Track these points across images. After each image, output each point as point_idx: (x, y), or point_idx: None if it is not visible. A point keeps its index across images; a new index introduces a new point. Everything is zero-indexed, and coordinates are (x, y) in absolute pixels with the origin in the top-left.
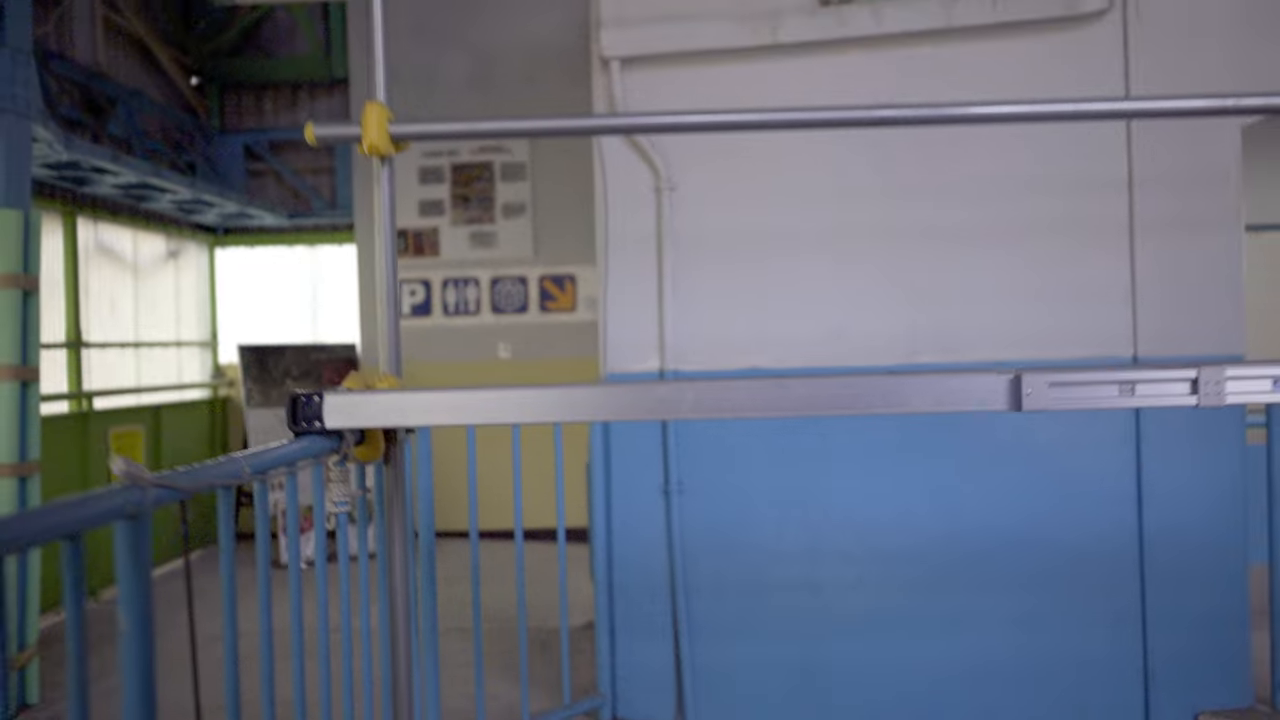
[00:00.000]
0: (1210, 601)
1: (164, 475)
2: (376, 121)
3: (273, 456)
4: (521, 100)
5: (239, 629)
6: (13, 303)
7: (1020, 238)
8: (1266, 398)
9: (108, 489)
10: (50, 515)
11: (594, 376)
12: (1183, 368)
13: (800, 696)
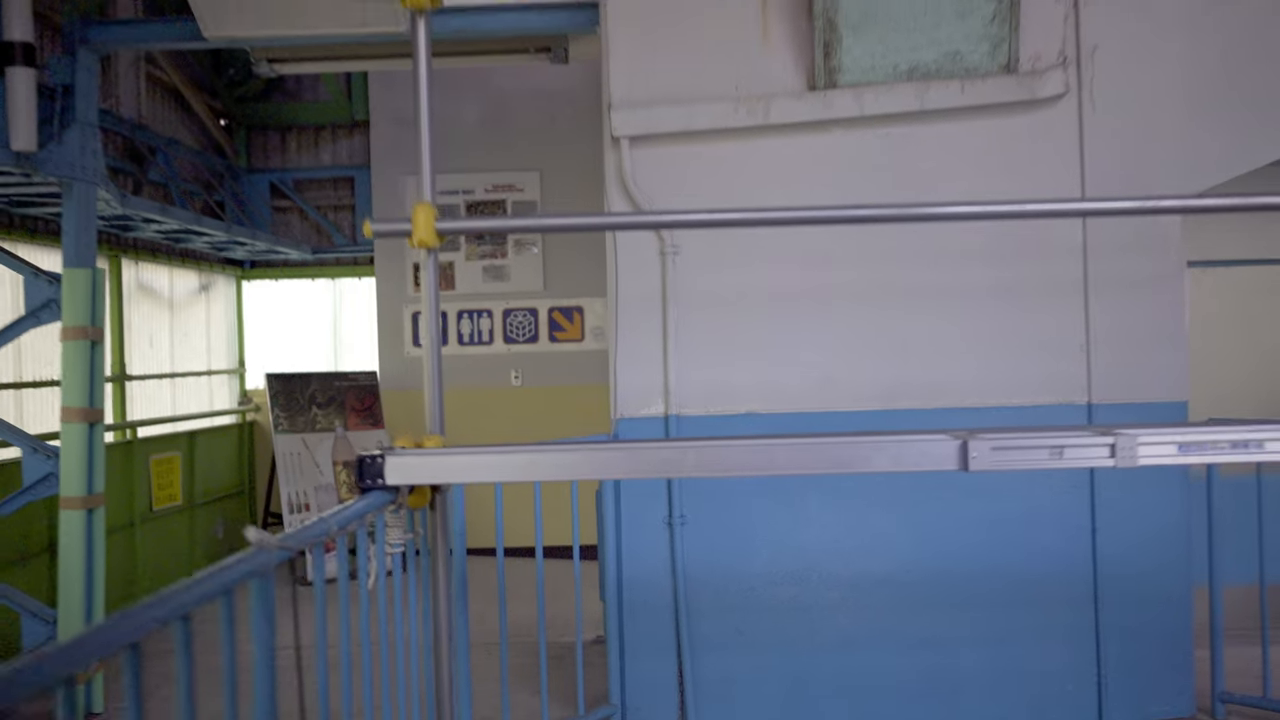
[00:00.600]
0: (1157, 621)
1: (283, 539)
2: (425, 220)
3: (350, 513)
4: (535, 137)
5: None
6: (84, 352)
7: (986, 297)
8: (1172, 460)
9: (241, 555)
10: (211, 580)
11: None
12: (1104, 434)
13: (790, 705)
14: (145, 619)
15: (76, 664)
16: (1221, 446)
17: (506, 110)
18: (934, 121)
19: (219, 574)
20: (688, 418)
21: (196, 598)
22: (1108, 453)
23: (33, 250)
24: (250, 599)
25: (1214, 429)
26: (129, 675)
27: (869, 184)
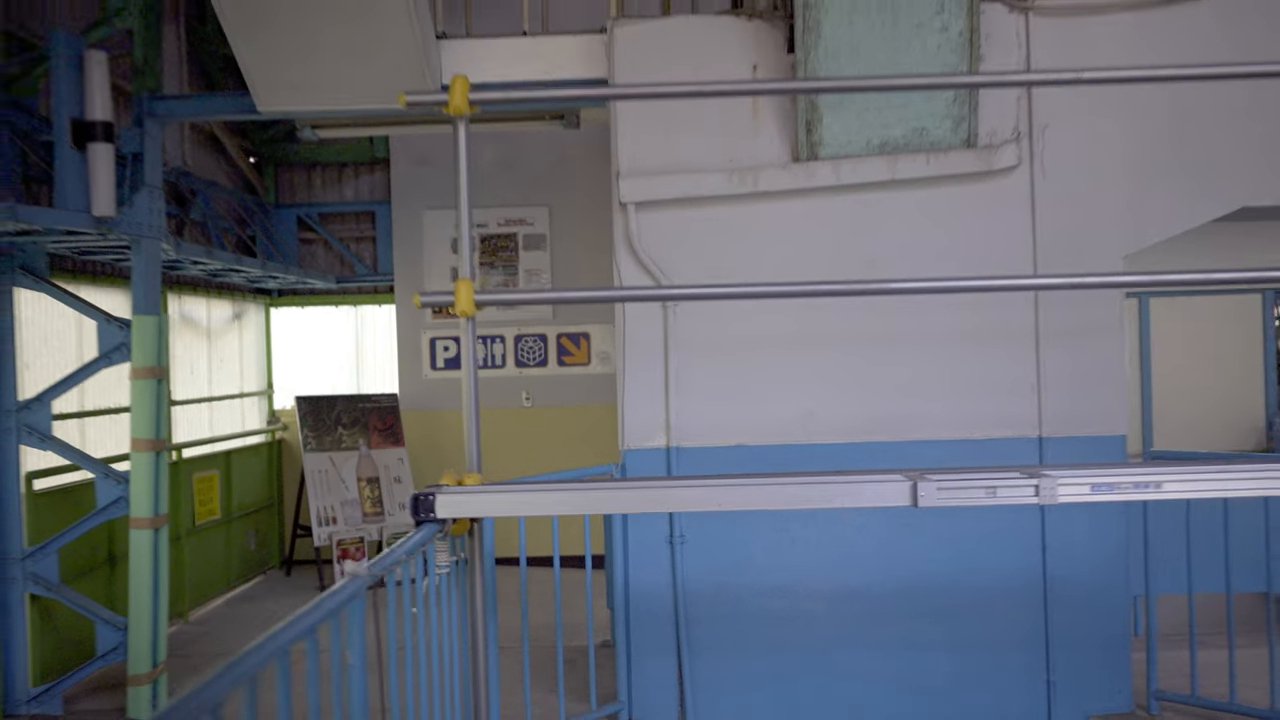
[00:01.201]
0: (1099, 627)
1: (370, 567)
2: (465, 294)
3: (412, 544)
4: (544, 175)
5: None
6: (151, 389)
7: (950, 342)
8: (1086, 498)
9: (342, 585)
10: (323, 605)
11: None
12: (1031, 476)
13: (776, 701)
14: (264, 653)
15: (221, 693)
16: (1126, 487)
17: (518, 151)
18: (903, 189)
19: (329, 599)
20: (686, 449)
21: (316, 619)
22: (1033, 492)
23: (94, 291)
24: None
25: (1119, 471)
26: (248, 704)
27: (846, 243)
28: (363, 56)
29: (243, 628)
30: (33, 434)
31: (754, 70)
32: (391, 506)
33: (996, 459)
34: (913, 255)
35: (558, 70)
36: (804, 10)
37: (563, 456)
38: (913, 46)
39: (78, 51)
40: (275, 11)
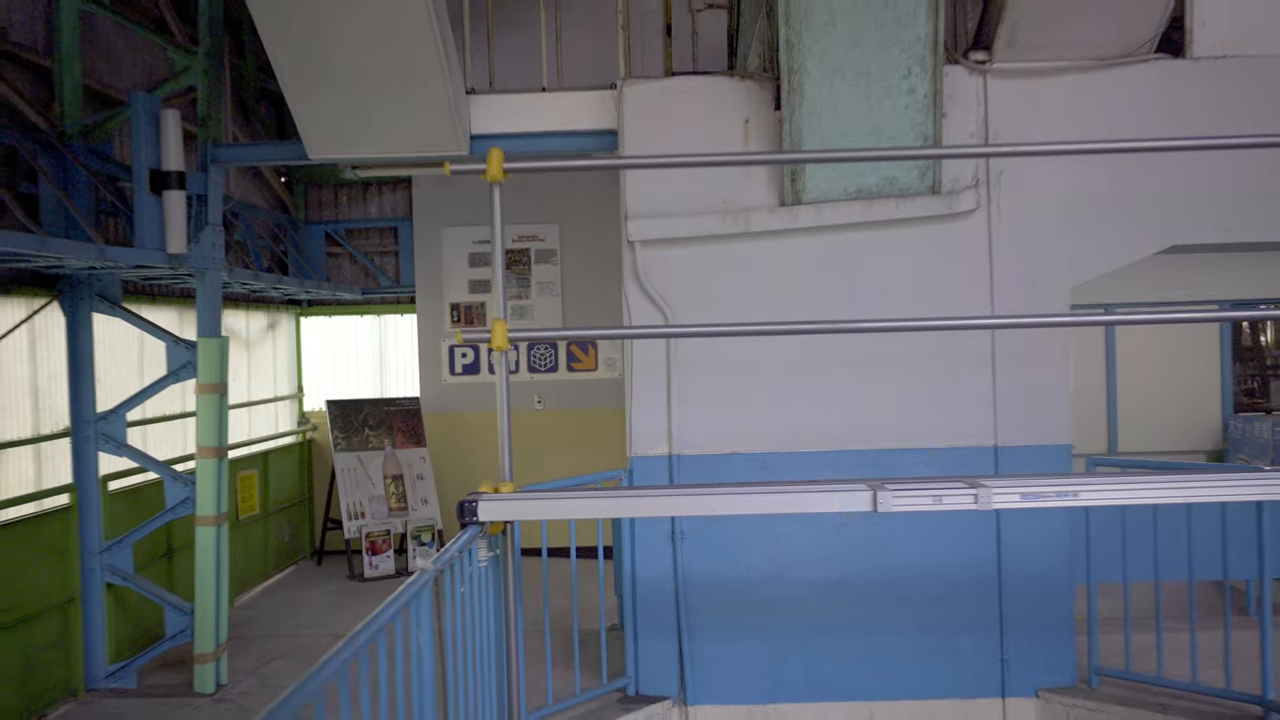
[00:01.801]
0: (1047, 612)
1: (434, 561)
2: (500, 331)
3: (462, 542)
4: (555, 195)
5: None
6: (215, 403)
7: (918, 363)
8: (1017, 505)
9: (415, 579)
10: (405, 592)
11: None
12: (972, 485)
13: (764, 676)
14: (369, 630)
15: (322, 683)
16: (1049, 495)
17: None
18: (876, 229)
19: (404, 592)
20: (685, 456)
21: (404, 602)
22: (973, 499)
23: (151, 309)
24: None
25: (1043, 481)
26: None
27: (827, 276)
28: (401, 112)
29: (282, 612)
30: (109, 442)
31: (746, 124)
32: (414, 502)
33: (958, 465)
34: (885, 287)
35: (573, 121)
36: (789, 74)
37: (572, 455)
38: (884, 106)
39: (154, 110)
40: (327, 76)
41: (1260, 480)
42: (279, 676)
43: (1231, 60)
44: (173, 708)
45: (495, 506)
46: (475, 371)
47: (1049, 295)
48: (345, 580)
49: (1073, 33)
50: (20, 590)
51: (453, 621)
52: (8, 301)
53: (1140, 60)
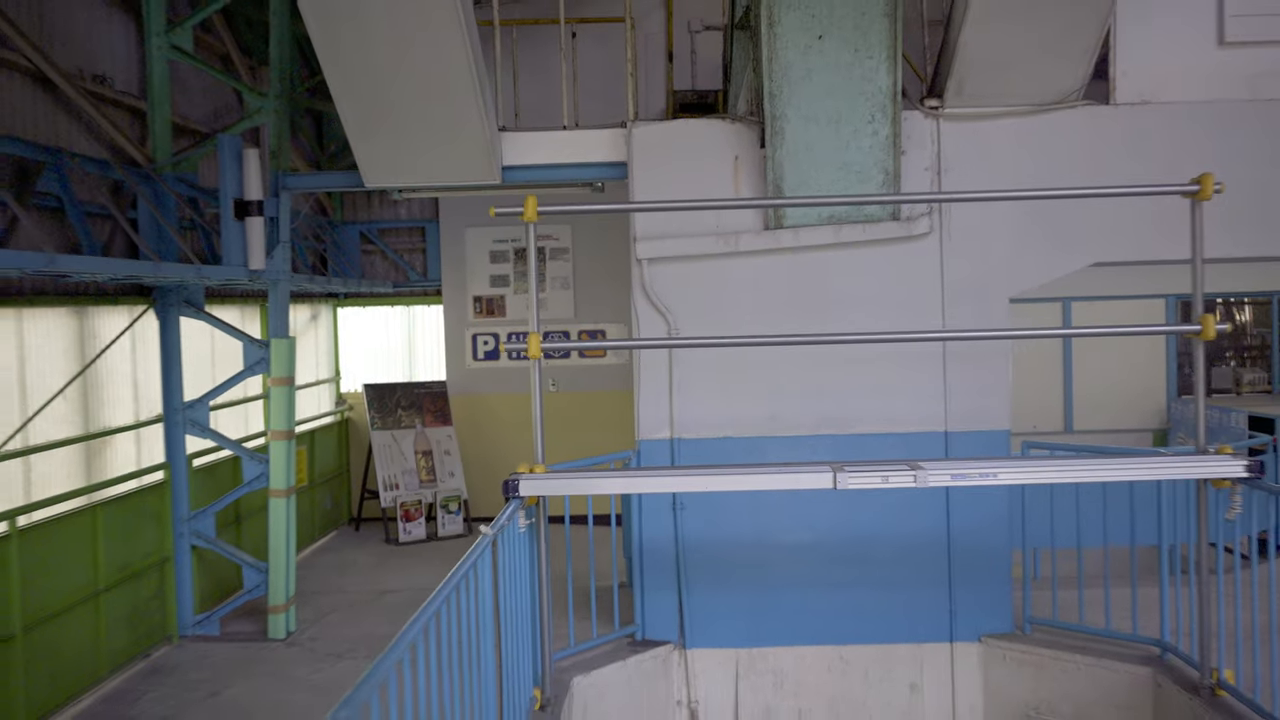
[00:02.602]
0: (988, 571)
1: (491, 528)
2: (534, 343)
3: (508, 513)
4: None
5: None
6: (285, 394)
7: (880, 360)
8: (947, 484)
9: (479, 541)
10: (472, 554)
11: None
12: (913, 468)
13: (749, 623)
14: (452, 582)
15: (430, 615)
16: (973, 476)
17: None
18: (846, 249)
19: (471, 555)
20: (685, 440)
21: (475, 558)
22: (913, 479)
23: (220, 309)
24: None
25: (969, 465)
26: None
27: (803, 288)
28: (444, 147)
29: (331, 571)
30: (195, 426)
31: (736, 160)
32: (442, 475)
33: (915, 447)
34: (853, 298)
35: (589, 155)
36: (772, 119)
37: (584, 432)
38: (852, 146)
39: (238, 149)
40: (382, 120)
41: (1142, 463)
42: (337, 625)
43: (1148, 106)
44: (253, 650)
45: (533, 484)
46: (495, 357)
47: (991, 304)
48: (382, 544)
49: (1012, 83)
50: (128, 552)
51: (503, 575)
52: (115, 310)
53: (1069, 106)
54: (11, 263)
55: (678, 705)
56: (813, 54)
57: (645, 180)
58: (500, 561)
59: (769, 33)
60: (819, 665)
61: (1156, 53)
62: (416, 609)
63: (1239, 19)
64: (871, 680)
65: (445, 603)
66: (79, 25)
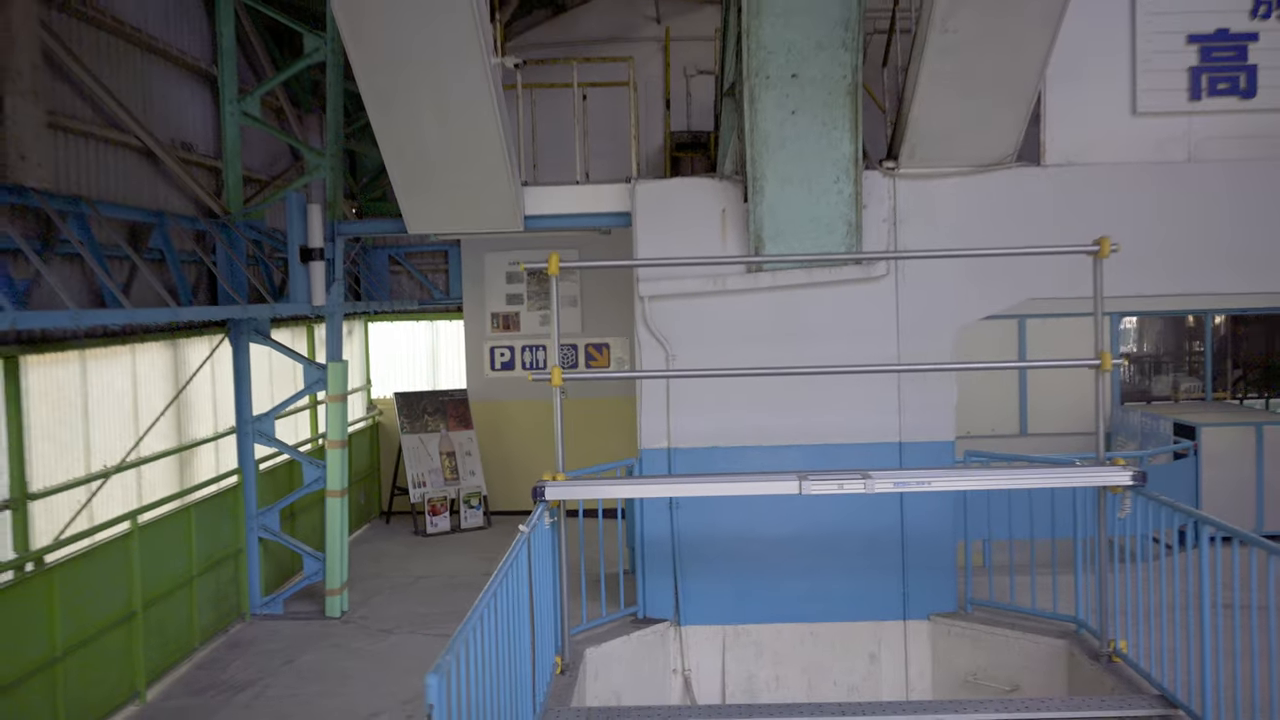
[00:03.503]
0: (936, 559)
1: (527, 525)
2: (557, 374)
3: (538, 513)
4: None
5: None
6: (340, 409)
7: (845, 383)
8: (892, 490)
9: (519, 538)
10: (514, 549)
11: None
12: (864, 476)
13: (735, 605)
14: (501, 574)
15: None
16: (913, 484)
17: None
18: (816, 288)
19: (514, 550)
20: (680, 449)
21: (514, 557)
22: (863, 486)
23: (276, 332)
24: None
25: (910, 474)
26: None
27: (780, 322)
28: (476, 202)
29: (369, 560)
30: (262, 436)
31: (723, 213)
32: (464, 473)
33: (873, 456)
34: (822, 328)
35: (599, 206)
36: (753, 180)
37: (591, 435)
38: (821, 202)
39: (303, 204)
40: (425, 177)
41: (1050, 473)
42: (382, 605)
43: (1073, 166)
44: (315, 627)
45: (557, 490)
46: (511, 368)
47: (940, 335)
48: (411, 535)
49: (956, 148)
50: (212, 544)
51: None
52: (200, 341)
53: (1005, 167)
54: (150, 318)
55: (673, 673)
56: (787, 126)
57: (646, 229)
58: (532, 553)
59: (751, 108)
60: (793, 639)
61: (1079, 121)
62: (447, 592)
63: (1148, 92)
64: (837, 651)
65: (500, 586)
66: (170, 99)
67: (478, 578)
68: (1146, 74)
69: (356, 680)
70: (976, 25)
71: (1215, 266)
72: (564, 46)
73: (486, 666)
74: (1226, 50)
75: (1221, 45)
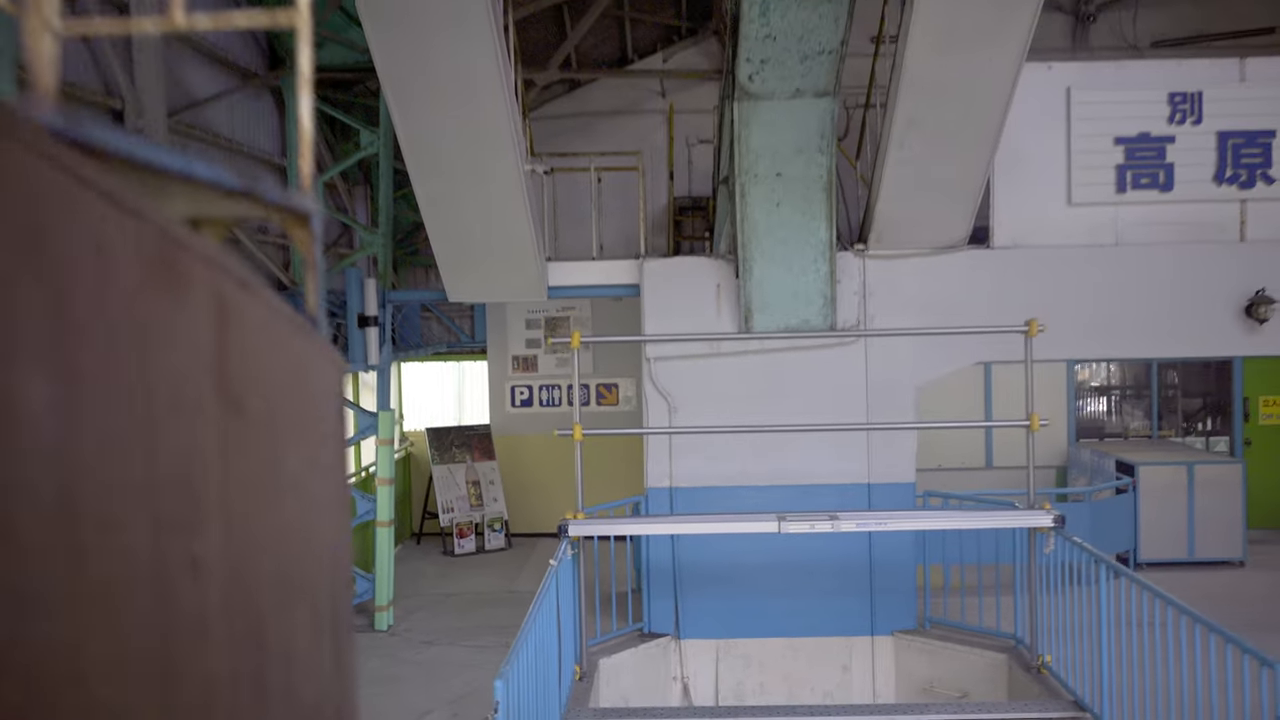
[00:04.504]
0: (899, 582)
1: (556, 558)
2: (578, 430)
3: (563, 546)
4: None
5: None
6: (389, 451)
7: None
8: (854, 530)
9: (551, 568)
10: (548, 578)
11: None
12: (832, 517)
13: (728, 620)
14: (540, 596)
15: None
16: (871, 523)
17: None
18: (798, 351)
19: (548, 579)
20: (680, 488)
21: (549, 583)
22: (831, 526)
23: None
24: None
25: (867, 515)
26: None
27: (768, 379)
28: (508, 275)
29: (406, 579)
30: None
31: (718, 287)
32: (488, 500)
33: (846, 495)
34: (803, 385)
35: (611, 279)
36: (743, 260)
37: (601, 467)
38: (801, 279)
39: (361, 278)
40: (465, 254)
41: (987, 516)
42: (423, 620)
43: (1018, 248)
44: (365, 640)
45: (578, 527)
46: (530, 405)
47: (902, 392)
48: (441, 555)
49: (916, 234)
50: None
51: (560, 588)
52: None
53: (958, 249)
54: None
55: (674, 680)
56: (773, 216)
57: (653, 300)
58: (559, 580)
59: (742, 200)
60: (776, 651)
61: (1023, 210)
62: (477, 608)
63: (1082, 186)
64: (814, 662)
65: (537, 610)
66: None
67: (502, 594)
68: (1080, 170)
69: (407, 684)
70: (927, 144)
71: (1138, 334)
72: (579, 118)
73: (527, 674)
74: (1148, 151)
75: (1143, 146)
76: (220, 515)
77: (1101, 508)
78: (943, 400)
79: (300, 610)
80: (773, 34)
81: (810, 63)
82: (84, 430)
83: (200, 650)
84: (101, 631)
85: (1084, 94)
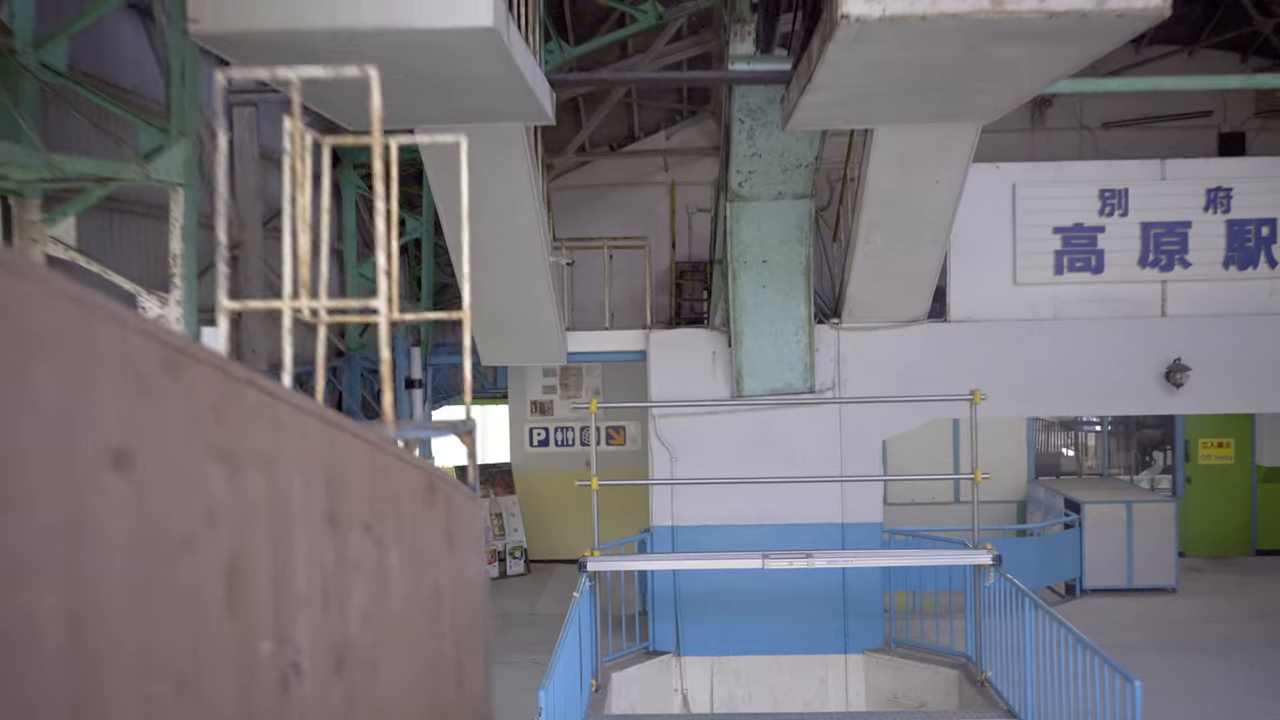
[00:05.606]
0: (869, 607)
1: (578, 592)
2: (595, 481)
3: (583, 580)
4: None
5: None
6: None
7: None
8: (826, 565)
9: (575, 600)
10: (574, 608)
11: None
12: (807, 555)
13: (723, 639)
14: (565, 629)
15: (569, 634)
16: (840, 560)
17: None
18: (782, 409)
19: (573, 611)
20: (681, 526)
21: (576, 614)
22: (806, 563)
23: None
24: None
25: (837, 554)
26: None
27: (757, 434)
28: (534, 343)
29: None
30: None
31: (713, 355)
32: (509, 531)
33: (822, 533)
34: (786, 437)
35: (621, 346)
36: (734, 333)
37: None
38: (784, 349)
39: (408, 347)
40: (497, 325)
41: (936, 555)
42: None
43: (972, 322)
44: None
45: (595, 563)
46: (546, 445)
47: (871, 445)
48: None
49: (882, 310)
50: None
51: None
52: None
53: (920, 322)
54: None
55: (675, 691)
56: (760, 296)
57: (657, 365)
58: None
59: (733, 281)
60: (762, 667)
61: (975, 289)
62: (504, 629)
63: (1025, 268)
64: (795, 677)
65: (566, 632)
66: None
67: (525, 616)
68: (1024, 255)
69: None
70: (889, 241)
71: (1073, 395)
72: (591, 188)
73: (559, 686)
74: (1082, 239)
75: (1078, 235)
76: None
77: (1051, 541)
78: (916, 446)
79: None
80: (758, 153)
81: (790, 173)
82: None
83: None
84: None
85: (1027, 190)
